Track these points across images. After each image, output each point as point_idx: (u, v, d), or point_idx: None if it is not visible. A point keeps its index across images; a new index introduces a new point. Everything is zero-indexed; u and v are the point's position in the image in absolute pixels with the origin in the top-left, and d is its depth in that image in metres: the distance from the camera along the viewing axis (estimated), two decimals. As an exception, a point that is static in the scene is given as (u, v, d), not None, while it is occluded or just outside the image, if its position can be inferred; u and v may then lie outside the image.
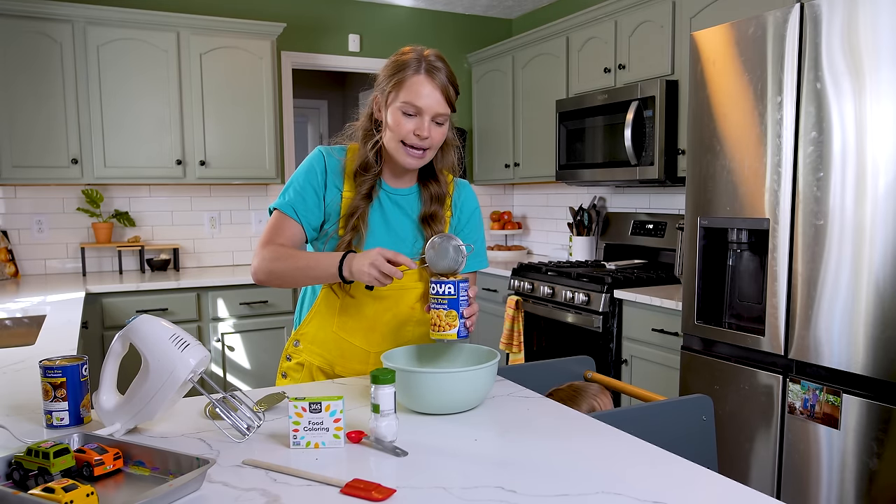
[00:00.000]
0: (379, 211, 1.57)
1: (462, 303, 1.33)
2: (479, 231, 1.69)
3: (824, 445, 2.06)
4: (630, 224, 3.76)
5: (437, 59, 1.49)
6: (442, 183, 1.60)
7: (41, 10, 3.37)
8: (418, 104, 1.44)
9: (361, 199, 1.53)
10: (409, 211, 1.59)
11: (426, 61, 1.46)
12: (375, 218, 1.56)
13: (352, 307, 1.57)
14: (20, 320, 2.59)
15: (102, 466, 1.00)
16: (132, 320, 1.19)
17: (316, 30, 4.35)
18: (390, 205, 1.58)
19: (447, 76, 1.48)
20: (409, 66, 1.46)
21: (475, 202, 1.69)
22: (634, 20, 3.29)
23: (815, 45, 2.02)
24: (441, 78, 1.46)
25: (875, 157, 1.89)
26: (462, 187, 1.67)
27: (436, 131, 1.48)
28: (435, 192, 1.59)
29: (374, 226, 1.55)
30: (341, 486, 0.97)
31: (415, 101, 1.44)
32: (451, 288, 1.32)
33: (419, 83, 1.44)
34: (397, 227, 1.57)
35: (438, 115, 1.47)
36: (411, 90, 1.44)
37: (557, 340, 3.34)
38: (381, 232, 1.56)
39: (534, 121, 4.12)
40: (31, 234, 3.78)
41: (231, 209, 4.22)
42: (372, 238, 1.55)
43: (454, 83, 1.50)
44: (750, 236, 2.35)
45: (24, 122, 3.41)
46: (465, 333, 1.35)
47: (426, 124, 1.46)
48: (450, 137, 1.57)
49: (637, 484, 0.98)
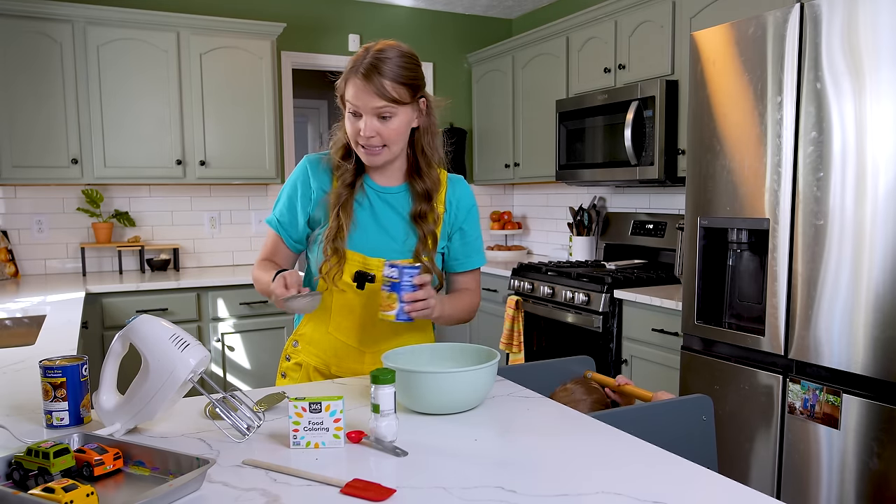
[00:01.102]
0: (369, 209, 1.57)
1: (404, 288, 1.39)
2: (476, 228, 1.68)
3: (824, 445, 2.06)
4: (630, 224, 3.76)
5: (380, 54, 1.44)
6: (428, 179, 1.58)
7: (41, 10, 3.37)
8: (356, 104, 1.46)
9: (343, 188, 1.55)
10: (399, 209, 1.59)
11: (365, 61, 1.44)
12: (366, 217, 1.57)
13: (345, 308, 1.58)
14: (20, 320, 2.59)
15: (102, 466, 1.00)
16: (132, 320, 1.19)
17: (316, 30, 4.35)
18: (381, 203, 1.58)
19: (393, 66, 1.44)
20: (352, 67, 1.46)
21: (471, 199, 1.67)
22: (634, 20, 3.29)
23: (815, 45, 2.02)
24: (380, 73, 1.42)
25: (875, 157, 1.89)
26: (456, 183, 1.66)
27: (383, 127, 1.46)
28: (421, 189, 1.57)
29: (365, 224, 1.56)
30: (341, 486, 0.97)
31: (353, 101, 1.46)
32: (395, 272, 1.39)
33: (355, 84, 1.45)
34: (388, 225, 1.58)
35: (377, 108, 1.44)
36: (350, 91, 1.46)
37: (557, 340, 3.34)
38: (372, 230, 1.57)
39: (534, 121, 4.12)
40: (31, 234, 3.78)
41: (231, 209, 4.22)
42: (363, 235, 1.55)
43: (406, 72, 1.46)
44: (750, 236, 2.35)
45: (24, 122, 3.41)
46: (406, 318, 1.41)
47: (365, 123, 1.46)
48: (427, 125, 1.56)
49: (637, 484, 0.98)
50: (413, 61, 1.49)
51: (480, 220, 1.76)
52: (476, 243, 1.67)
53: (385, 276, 1.41)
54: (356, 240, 1.55)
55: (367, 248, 1.55)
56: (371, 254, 1.55)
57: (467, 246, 1.66)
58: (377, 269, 1.54)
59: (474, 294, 1.69)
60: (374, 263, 1.54)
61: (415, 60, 1.50)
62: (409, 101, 1.48)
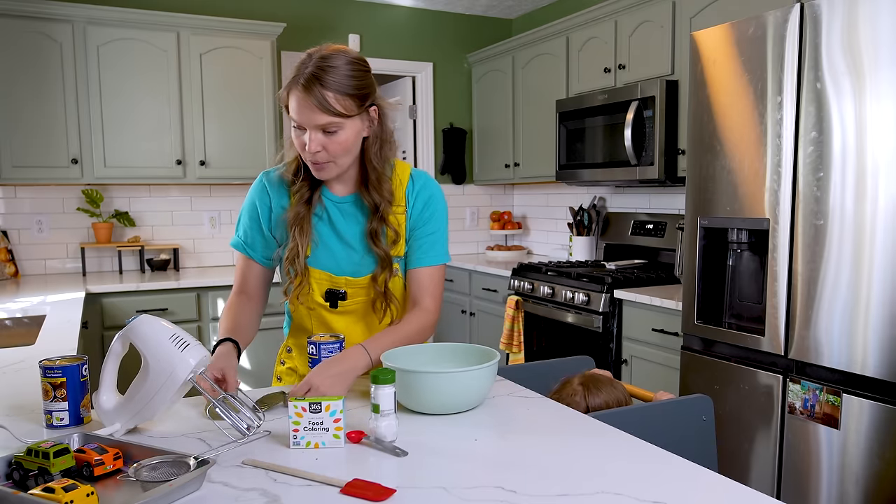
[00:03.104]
0: (328, 223, 1.52)
1: None
2: (435, 222, 1.55)
3: (824, 445, 2.06)
4: (630, 224, 3.75)
5: (323, 62, 1.34)
6: (377, 193, 1.47)
7: (41, 10, 3.37)
8: (298, 119, 1.36)
9: (301, 205, 1.48)
10: (357, 218, 1.52)
11: (306, 71, 1.33)
12: (325, 229, 1.52)
13: (322, 326, 1.57)
14: (20, 320, 2.59)
15: (102, 466, 1.00)
16: (132, 320, 1.19)
17: (316, 30, 4.35)
18: (338, 214, 1.52)
19: (337, 76, 1.34)
20: (293, 77, 1.36)
21: (429, 196, 1.54)
22: (634, 20, 3.28)
23: (815, 45, 2.02)
24: (323, 84, 1.33)
25: (875, 157, 1.89)
26: (417, 178, 1.56)
27: (329, 142, 1.37)
28: (370, 202, 1.48)
29: (327, 239, 1.52)
30: (341, 486, 0.97)
31: (295, 117, 1.37)
32: (313, 349, 1.40)
33: (295, 98, 1.35)
34: (348, 236, 1.52)
35: (321, 125, 1.35)
36: (292, 104, 1.36)
37: (557, 340, 3.34)
38: (332, 242, 1.52)
39: (534, 121, 4.12)
40: (31, 234, 3.78)
41: (231, 209, 4.21)
42: (324, 249, 1.52)
43: (353, 81, 1.36)
44: (750, 236, 2.35)
45: (24, 122, 3.41)
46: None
47: (310, 138, 1.36)
48: (377, 134, 1.46)
49: (637, 484, 0.98)
50: (361, 68, 1.38)
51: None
52: (430, 238, 1.54)
53: (309, 354, 1.41)
54: (320, 258, 1.51)
55: (331, 265, 1.52)
56: (336, 272, 1.52)
57: (419, 241, 1.54)
58: (345, 286, 1.52)
59: (424, 310, 1.52)
60: (341, 281, 1.52)
61: (363, 67, 1.39)
62: (356, 112, 1.38)
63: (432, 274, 1.55)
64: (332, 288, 1.53)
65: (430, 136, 4.76)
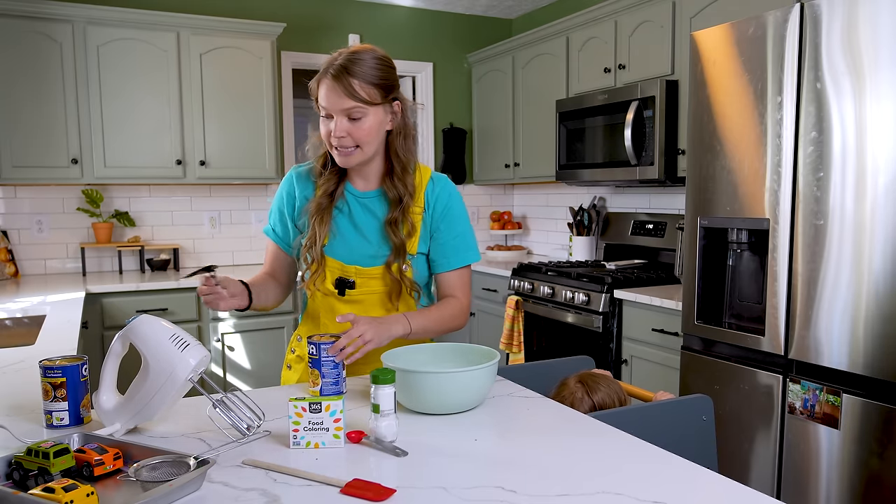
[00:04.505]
0: (349, 215, 1.59)
1: (324, 363, 1.38)
2: (458, 225, 1.61)
3: (824, 445, 2.06)
4: (630, 224, 3.75)
5: (352, 56, 1.45)
6: (401, 184, 1.55)
7: (41, 10, 3.37)
8: (325, 105, 1.47)
9: (324, 197, 1.57)
10: (377, 213, 1.59)
11: (337, 63, 1.45)
12: (344, 222, 1.59)
13: (330, 313, 1.60)
14: (20, 320, 2.59)
15: (102, 466, 1.00)
16: (132, 320, 1.19)
17: (316, 30, 4.35)
18: (359, 208, 1.59)
19: (364, 67, 1.44)
20: (324, 69, 1.48)
21: (448, 197, 1.61)
22: (634, 20, 3.28)
23: (815, 45, 2.02)
24: (350, 73, 1.43)
25: (875, 157, 1.89)
26: (437, 181, 1.62)
27: (354, 128, 1.46)
28: (393, 194, 1.56)
29: (345, 230, 1.58)
30: (341, 486, 0.97)
31: (322, 104, 1.48)
32: (314, 349, 1.39)
33: (326, 85, 1.46)
34: (365, 230, 1.58)
35: (346, 109, 1.45)
36: (321, 92, 1.47)
37: (557, 340, 3.34)
38: (350, 236, 1.58)
39: (534, 121, 4.12)
40: (31, 234, 3.77)
41: (231, 209, 4.22)
42: (341, 243, 1.58)
43: (377, 72, 1.46)
44: (750, 236, 2.35)
45: (24, 122, 3.41)
46: (332, 391, 1.38)
47: (336, 124, 1.46)
48: (400, 127, 1.54)
49: (637, 484, 0.98)
50: (385, 63, 1.49)
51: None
52: (454, 242, 1.61)
53: (308, 354, 1.41)
54: (335, 247, 1.57)
55: (344, 255, 1.57)
56: (347, 261, 1.57)
57: (444, 246, 1.60)
58: (354, 276, 1.56)
59: (457, 299, 1.62)
60: (351, 270, 1.57)
61: (388, 63, 1.50)
62: (379, 101, 1.48)
63: (462, 274, 1.64)
64: (342, 276, 1.57)
65: (430, 135, 4.76)
